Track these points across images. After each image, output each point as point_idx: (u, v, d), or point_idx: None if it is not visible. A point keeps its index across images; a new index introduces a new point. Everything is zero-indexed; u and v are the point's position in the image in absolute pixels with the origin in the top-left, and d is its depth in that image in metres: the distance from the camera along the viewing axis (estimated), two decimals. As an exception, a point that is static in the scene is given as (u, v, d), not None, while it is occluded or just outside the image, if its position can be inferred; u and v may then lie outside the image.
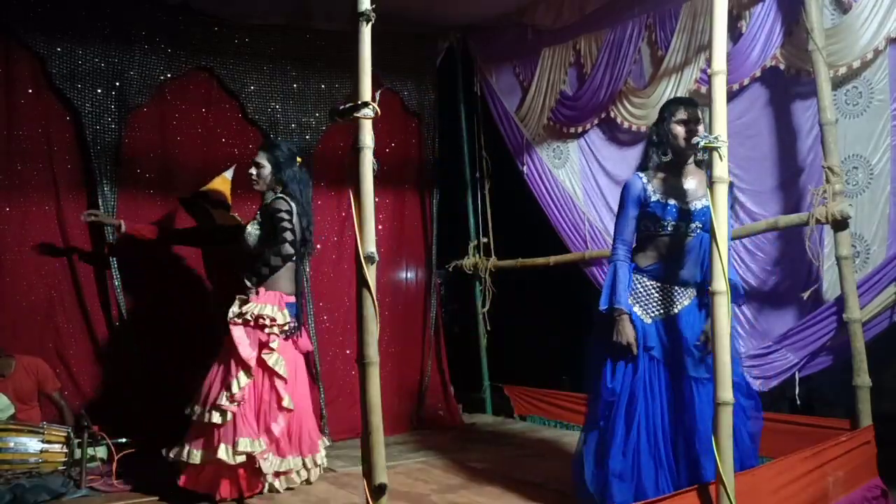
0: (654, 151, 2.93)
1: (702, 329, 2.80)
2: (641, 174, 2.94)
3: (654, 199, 2.86)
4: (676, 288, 2.89)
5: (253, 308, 3.34)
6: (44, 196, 4.24)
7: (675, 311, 2.87)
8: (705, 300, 2.72)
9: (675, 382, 2.81)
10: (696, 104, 2.93)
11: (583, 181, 4.97)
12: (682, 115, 2.85)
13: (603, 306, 2.89)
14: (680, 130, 2.85)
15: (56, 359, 4.19)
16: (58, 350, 4.22)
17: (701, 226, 2.84)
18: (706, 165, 2.80)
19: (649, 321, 2.87)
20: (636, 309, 2.88)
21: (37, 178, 4.22)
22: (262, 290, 3.40)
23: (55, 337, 4.23)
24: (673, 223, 2.85)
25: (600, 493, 2.80)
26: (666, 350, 2.84)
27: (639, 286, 2.91)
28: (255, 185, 3.55)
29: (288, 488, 3.49)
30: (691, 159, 2.92)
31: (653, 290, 2.90)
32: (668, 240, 2.88)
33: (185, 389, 3.58)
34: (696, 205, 2.85)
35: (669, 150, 2.90)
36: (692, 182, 2.90)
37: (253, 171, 3.53)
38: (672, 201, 2.86)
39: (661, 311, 2.88)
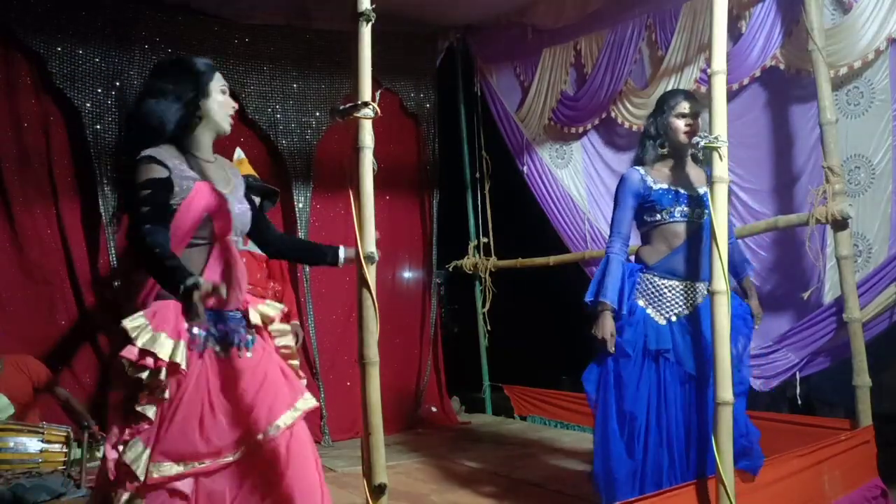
0: (652, 144, 2.85)
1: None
2: (639, 167, 2.85)
3: (656, 188, 2.77)
4: (689, 284, 2.76)
5: None
6: (44, 196, 4.23)
7: (690, 310, 2.75)
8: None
9: (693, 384, 2.70)
10: (696, 97, 2.87)
11: (587, 181, 4.97)
12: (682, 108, 2.78)
13: (588, 298, 2.76)
14: (679, 124, 2.78)
15: (58, 359, 4.18)
16: (60, 351, 4.22)
17: (707, 213, 2.71)
18: (703, 163, 2.76)
19: (663, 322, 2.74)
20: (649, 311, 2.76)
21: (37, 178, 4.21)
22: None
23: (57, 337, 4.22)
24: (680, 209, 2.76)
25: (606, 492, 2.76)
26: (681, 352, 2.71)
27: (649, 286, 2.78)
28: None
29: None
30: (688, 155, 2.86)
31: (665, 290, 2.77)
32: (675, 227, 2.77)
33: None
34: (700, 191, 2.77)
35: (667, 144, 2.83)
36: (691, 174, 2.84)
37: None
38: (676, 188, 2.78)
39: (675, 311, 2.75)
